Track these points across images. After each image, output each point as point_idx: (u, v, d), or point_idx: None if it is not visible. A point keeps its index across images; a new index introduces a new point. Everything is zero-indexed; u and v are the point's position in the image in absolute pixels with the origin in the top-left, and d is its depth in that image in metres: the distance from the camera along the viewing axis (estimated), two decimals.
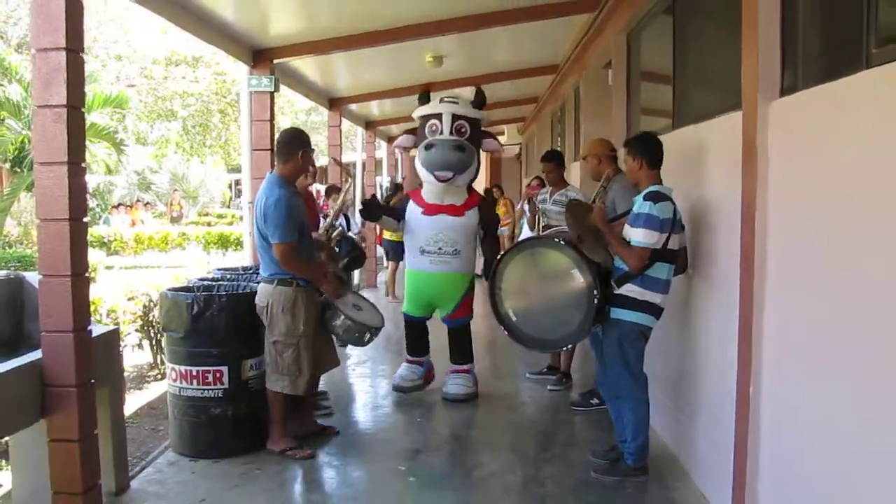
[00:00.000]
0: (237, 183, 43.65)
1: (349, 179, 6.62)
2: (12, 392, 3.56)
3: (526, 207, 10.12)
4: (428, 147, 6.22)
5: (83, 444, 3.76)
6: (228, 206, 36.23)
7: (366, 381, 7.16)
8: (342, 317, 5.16)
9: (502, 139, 20.52)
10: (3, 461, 5.06)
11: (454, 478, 4.85)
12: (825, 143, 2.96)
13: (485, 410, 6.21)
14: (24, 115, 17.04)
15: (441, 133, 6.25)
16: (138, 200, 26.89)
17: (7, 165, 19.41)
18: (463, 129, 6.28)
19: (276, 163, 5.11)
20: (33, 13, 3.56)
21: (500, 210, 17.10)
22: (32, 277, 4.67)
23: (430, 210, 6.33)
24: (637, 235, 4.31)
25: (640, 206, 4.35)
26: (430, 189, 6.34)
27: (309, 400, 5.47)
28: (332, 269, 5.43)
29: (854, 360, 2.71)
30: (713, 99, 4.49)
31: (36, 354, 3.78)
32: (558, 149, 9.82)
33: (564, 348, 5.98)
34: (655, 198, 4.32)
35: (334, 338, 5.45)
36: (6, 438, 4.58)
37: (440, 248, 6.27)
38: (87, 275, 3.81)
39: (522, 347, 5.07)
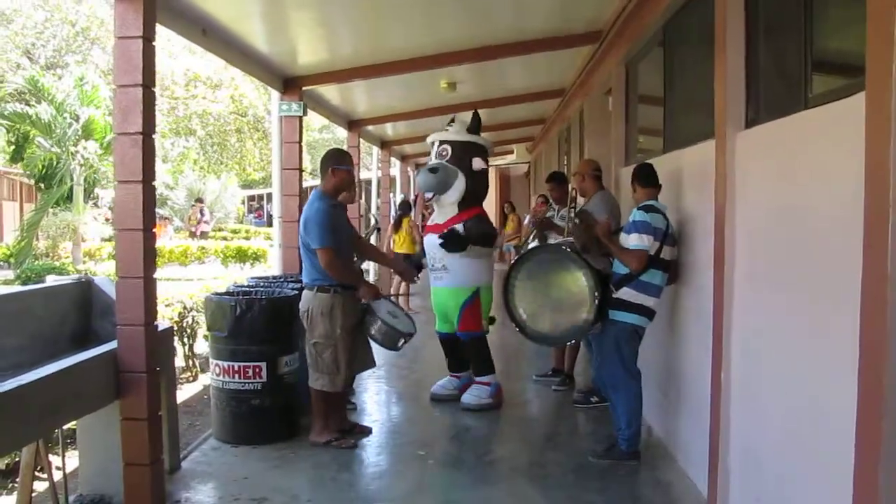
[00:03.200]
0: (251, 199, 44.57)
1: (373, 219, 7.27)
2: (94, 377, 4.18)
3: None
4: (418, 172, 6.78)
5: (151, 422, 4.38)
6: (241, 222, 36.99)
7: (389, 382, 7.72)
8: (380, 322, 5.62)
9: (511, 158, 21.14)
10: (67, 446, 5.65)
11: (467, 461, 5.44)
12: (774, 170, 3.59)
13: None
14: (55, 133, 17.69)
15: (430, 158, 6.87)
16: (164, 203, 27.57)
17: (33, 182, 20.10)
18: (444, 153, 6.70)
19: (320, 179, 5.76)
20: (116, 55, 4.21)
21: (510, 227, 17.72)
22: (100, 280, 5.33)
23: (427, 230, 6.95)
24: (633, 240, 4.97)
25: (634, 214, 5.03)
26: (435, 210, 6.94)
27: (343, 400, 5.98)
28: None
29: (801, 350, 3.29)
30: (696, 127, 5.07)
31: (109, 346, 4.40)
32: (561, 170, 10.37)
33: (568, 343, 6.59)
34: (647, 209, 5.00)
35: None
36: (68, 426, 5.22)
37: (433, 265, 6.72)
38: (154, 277, 4.43)
39: (532, 344, 5.71)
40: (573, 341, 6.39)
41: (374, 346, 5.84)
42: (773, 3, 3.93)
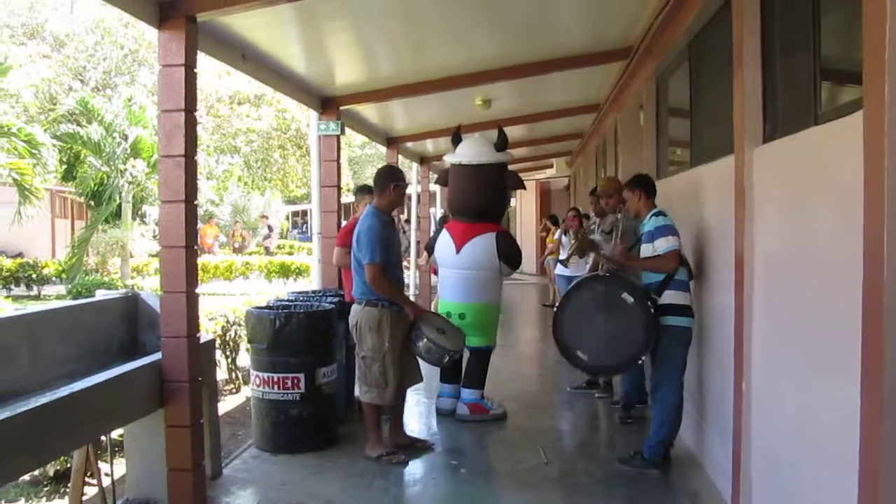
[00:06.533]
0: (295, 214, 45.17)
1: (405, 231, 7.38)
2: (139, 385, 4.41)
3: (564, 239, 10.86)
4: None
5: (193, 429, 4.60)
6: (285, 237, 37.47)
7: (428, 393, 7.63)
8: (425, 339, 5.68)
9: (551, 172, 21.24)
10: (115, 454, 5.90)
11: (499, 470, 5.59)
12: (788, 183, 3.70)
13: (528, 417, 6.92)
14: (105, 153, 18.23)
15: None
16: (211, 217, 28.11)
17: (83, 199, 20.70)
18: None
19: (374, 196, 5.78)
20: (160, 82, 4.47)
21: (551, 239, 17.74)
22: (146, 295, 5.59)
23: None
24: (663, 243, 5.13)
25: (655, 221, 5.21)
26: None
27: (399, 414, 6.05)
28: None
29: (817, 358, 3.38)
30: (720, 141, 5.17)
31: (154, 357, 4.63)
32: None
33: (640, 361, 5.54)
34: (661, 213, 5.24)
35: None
36: (115, 434, 5.47)
37: None
38: (196, 292, 4.65)
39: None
40: (643, 359, 5.62)
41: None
42: (786, 22, 4.04)
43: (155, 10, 4.40)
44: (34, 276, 19.02)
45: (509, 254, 6.73)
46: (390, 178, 5.69)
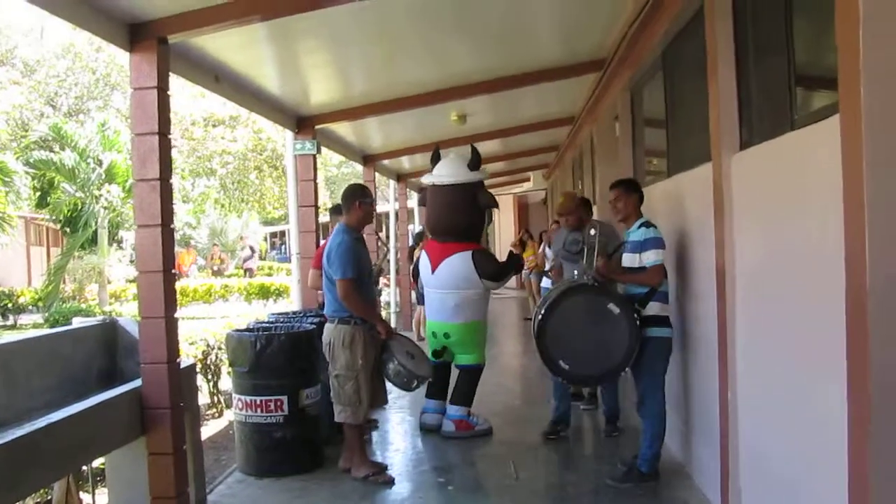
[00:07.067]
0: (273, 235, 44.98)
1: (385, 248, 7.33)
2: (120, 413, 4.35)
3: (548, 251, 10.83)
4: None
5: (176, 456, 4.53)
6: (264, 259, 37.28)
7: (412, 411, 7.64)
8: (395, 362, 5.68)
9: (528, 185, 21.26)
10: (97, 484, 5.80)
11: (486, 486, 5.55)
12: (766, 189, 3.71)
13: (514, 431, 6.88)
14: (79, 178, 18.09)
15: None
16: (187, 244, 27.94)
17: (58, 226, 20.52)
18: None
19: (343, 214, 5.76)
20: (133, 106, 4.44)
21: (530, 252, 17.69)
22: (124, 321, 5.51)
23: None
24: (651, 256, 5.08)
25: (645, 232, 5.13)
26: None
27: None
28: None
29: (801, 363, 3.38)
30: (697, 150, 5.19)
31: (134, 384, 4.56)
32: (587, 197, 10.46)
33: (623, 372, 5.38)
34: (650, 224, 5.17)
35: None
36: (96, 463, 5.38)
37: None
38: (175, 316, 4.59)
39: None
40: (627, 369, 5.43)
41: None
42: (759, 28, 4.07)
43: (125, 32, 4.38)
44: (10, 305, 18.81)
45: (488, 269, 6.72)
46: (355, 196, 5.72)
